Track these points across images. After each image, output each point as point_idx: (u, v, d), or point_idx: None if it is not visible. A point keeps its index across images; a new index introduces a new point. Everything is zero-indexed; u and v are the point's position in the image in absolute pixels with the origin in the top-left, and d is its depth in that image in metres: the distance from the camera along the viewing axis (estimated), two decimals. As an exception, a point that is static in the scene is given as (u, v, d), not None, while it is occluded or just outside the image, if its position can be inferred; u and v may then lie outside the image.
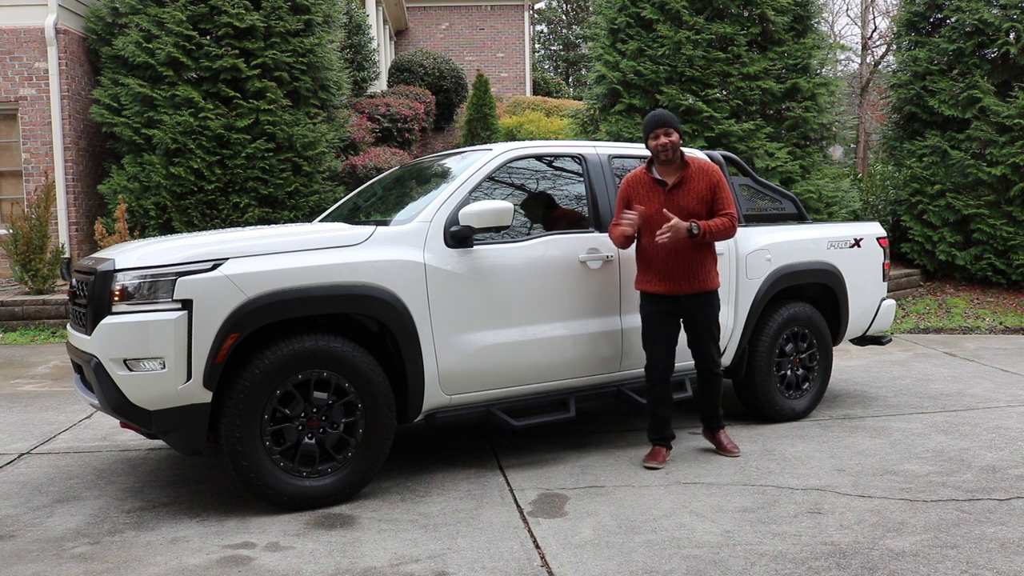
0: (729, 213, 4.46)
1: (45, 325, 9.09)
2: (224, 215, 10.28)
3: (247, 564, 3.32)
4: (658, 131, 4.42)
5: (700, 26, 10.49)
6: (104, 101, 10.43)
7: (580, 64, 35.39)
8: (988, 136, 10.87)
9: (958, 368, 7.33)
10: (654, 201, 4.46)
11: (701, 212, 4.44)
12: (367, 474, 4.02)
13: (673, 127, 4.43)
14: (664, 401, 4.58)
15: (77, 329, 4.03)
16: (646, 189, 4.50)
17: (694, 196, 4.43)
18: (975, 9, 11.01)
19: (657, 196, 4.47)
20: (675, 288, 4.47)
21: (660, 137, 4.41)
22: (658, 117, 4.45)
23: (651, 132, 4.45)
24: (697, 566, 3.25)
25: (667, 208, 4.42)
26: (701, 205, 4.44)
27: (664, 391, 4.57)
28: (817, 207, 10.53)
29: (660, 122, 4.42)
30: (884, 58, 24.68)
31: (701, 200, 4.44)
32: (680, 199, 4.44)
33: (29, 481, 4.42)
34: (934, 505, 3.89)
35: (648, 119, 4.48)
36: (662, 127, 4.41)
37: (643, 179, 4.53)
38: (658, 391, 4.57)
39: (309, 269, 3.84)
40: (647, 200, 4.47)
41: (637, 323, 4.77)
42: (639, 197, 4.50)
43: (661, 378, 4.55)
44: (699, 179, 4.45)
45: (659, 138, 4.42)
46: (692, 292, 4.48)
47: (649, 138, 4.47)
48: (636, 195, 4.51)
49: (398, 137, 13.83)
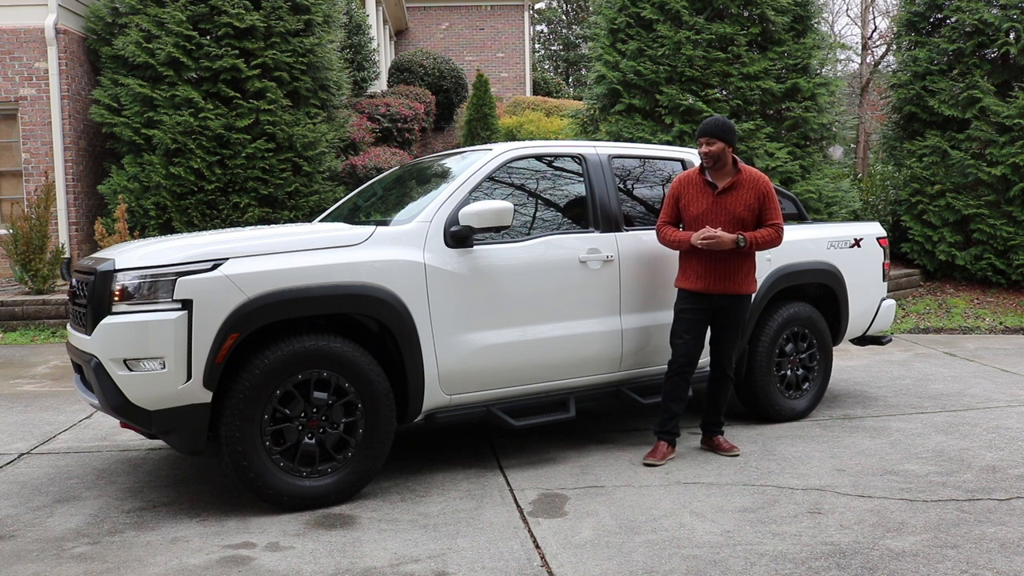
0: (776, 224, 4.59)
1: (45, 325, 9.09)
2: (224, 215, 10.28)
3: (247, 564, 3.32)
4: (701, 140, 4.58)
5: (700, 26, 10.49)
6: (104, 101, 10.43)
7: (580, 64, 35.38)
8: (988, 136, 10.87)
9: (958, 368, 7.33)
10: (702, 202, 4.59)
11: (747, 218, 4.56)
12: (367, 474, 4.02)
13: (716, 136, 4.53)
14: (678, 397, 4.62)
15: (77, 329, 4.03)
16: (696, 190, 4.62)
17: (742, 203, 4.55)
18: (975, 9, 11.00)
19: (706, 197, 4.58)
20: (710, 287, 4.57)
21: (703, 146, 4.58)
22: (704, 126, 4.59)
23: (697, 140, 4.63)
24: (697, 566, 3.25)
25: (714, 210, 4.57)
26: (748, 212, 4.55)
27: (681, 386, 4.62)
28: (817, 207, 10.54)
29: (703, 132, 4.58)
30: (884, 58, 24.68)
31: (748, 207, 4.55)
32: (728, 203, 4.55)
33: (29, 481, 4.42)
34: (934, 505, 3.89)
35: (700, 126, 4.64)
36: (704, 136, 4.56)
37: (695, 180, 4.65)
38: (674, 384, 4.62)
39: (309, 269, 3.84)
40: (695, 200, 4.61)
41: (637, 323, 4.78)
42: (688, 196, 4.63)
43: (682, 372, 4.60)
44: (749, 187, 4.57)
45: (702, 146, 4.59)
46: (726, 293, 4.58)
47: (697, 145, 4.68)
48: (686, 194, 4.64)
49: (398, 137, 13.83)
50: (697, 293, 4.61)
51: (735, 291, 4.59)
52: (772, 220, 4.59)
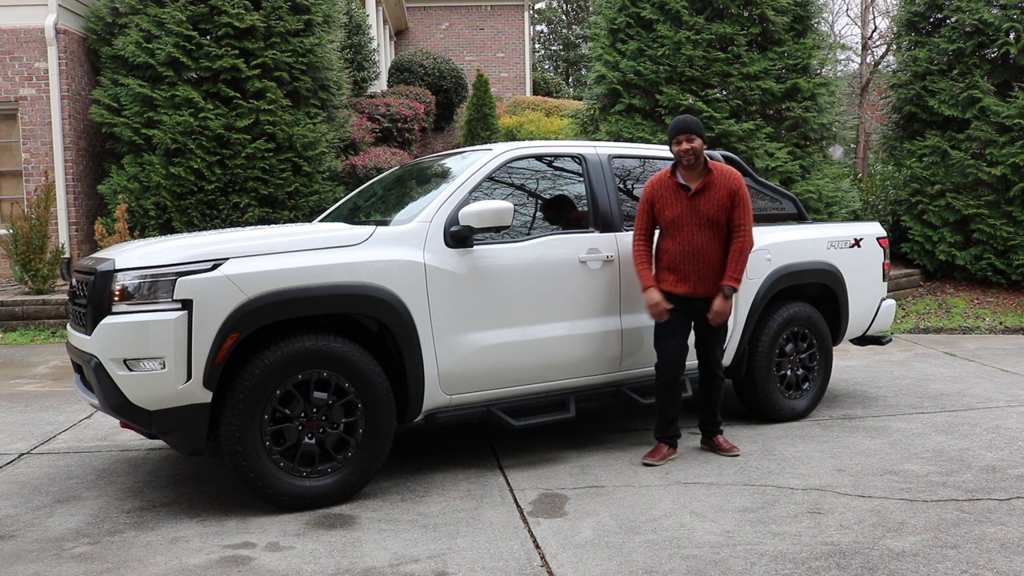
0: (741, 226, 4.50)
1: (45, 325, 9.09)
2: (224, 215, 10.28)
3: (247, 564, 3.32)
4: (680, 137, 4.47)
5: (700, 26, 10.49)
6: (104, 101, 10.43)
7: (580, 64, 35.39)
8: (988, 136, 10.87)
9: (958, 368, 7.33)
10: (676, 205, 4.53)
11: (720, 219, 4.49)
12: (367, 474, 4.02)
13: (696, 133, 4.46)
14: (672, 401, 4.61)
15: (77, 329, 4.03)
16: (670, 193, 4.56)
17: (715, 203, 4.48)
18: (975, 9, 11.00)
19: (680, 200, 4.52)
20: (692, 290, 4.53)
21: (683, 143, 4.46)
22: (681, 123, 4.49)
23: (674, 137, 4.50)
24: (697, 566, 3.25)
25: (689, 213, 4.49)
26: (721, 212, 4.49)
27: (673, 391, 4.60)
28: (817, 207, 10.54)
29: (683, 128, 4.47)
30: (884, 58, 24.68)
31: (721, 207, 4.49)
32: (702, 205, 4.49)
33: (29, 481, 4.42)
34: (934, 505, 3.89)
35: (673, 124, 4.53)
36: (685, 133, 4.46)
37: (667, 183, 4.58)
38: (667, 389, 4.59)
39: (309, 269, 3.84)
40: (670, 204, 4.54)
41: (637, 323, 4.77)
42: (663, 200, 4.57)
43: (671, 376, 4.57)
44: (721, 186, 4.50)
45: (682, 144, 4.47)
46: (708, 295, 4.54)
47: (672, 143, 4.52)
48: (660, 198, 4.58)
49: (398, 137, 13.83)
50: (677, 296, 4.56)
51: (717, 293, 4.52)
52: (739, 222, 4.49)
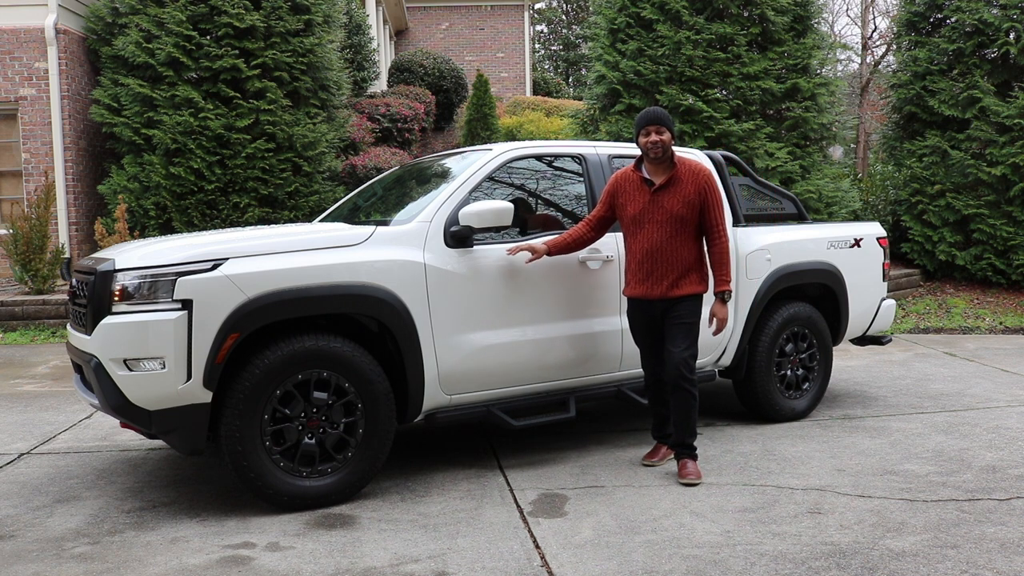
0: (717, 230, 4.30)
1: (45, 325, 9.09)
2: (224, 215, 10.28)
3: (247, 564, 3.32)
4: (649, 128, 4.25)
5: (700, 26, 10.49)
6: (104, 101, 10.43)
7: (580, 64, 35.38)
8: (988, 136, 10.87)
9: (958, 368, 7.33)
10: (639, 200, 4.32)
11: (687, 215, 4.25)
12: (367, 474, 4.02)
13: (666, 125, 4.25)
14: (661, 400, 4.56)
15: (77, 329, 4.03)
16: (633, 188, 4.35)
17: (680, 198, 4.25)
18: (975, 9, 11.00)
19: (643, 196, 4.31)
20: (648, 292, 4.32)
21: (651, 135, 4.24)
22: (651, 114, 4.27)
23: (642, 128, 4.28)
24: (697, 566, 3.25)
25: (651, 209, 4.27)
26: (687, 208, 4.25)
27: (659, 389, 4.53)
28: (817, 207, 10.54)
29: (652, 119, 4.25)
30: (884, 58, 24.68)
31: (688, 203, 4.25)
32: (665, 201, 4.26)
33: (29, 481, 4.42)
34: (934, 505, 3.89)
35: (640, 115, 4.33)
36: (654, 124, 4.24)
37: (631, 177, 4.37)
38: (653, 389, 4.56)
39: (309, 269, 3.84)
40: (632, 199, 4.34)
41: (637, 323, 4.76)
42: (626, 195, 4.38)
43: (655, 377, 4.53)
44: (688, 181, 4.27)
45: (650, 135, 4.25)
46: (664, 296, 4.30)
47: (640, 134, 4.29)
48: (623, 192, 4.39)
49: (398, 137, 13.83)
50: (638, 299, 4.39)
51: (675, 294, 4.28)
52: (713, 224, 4.28)
